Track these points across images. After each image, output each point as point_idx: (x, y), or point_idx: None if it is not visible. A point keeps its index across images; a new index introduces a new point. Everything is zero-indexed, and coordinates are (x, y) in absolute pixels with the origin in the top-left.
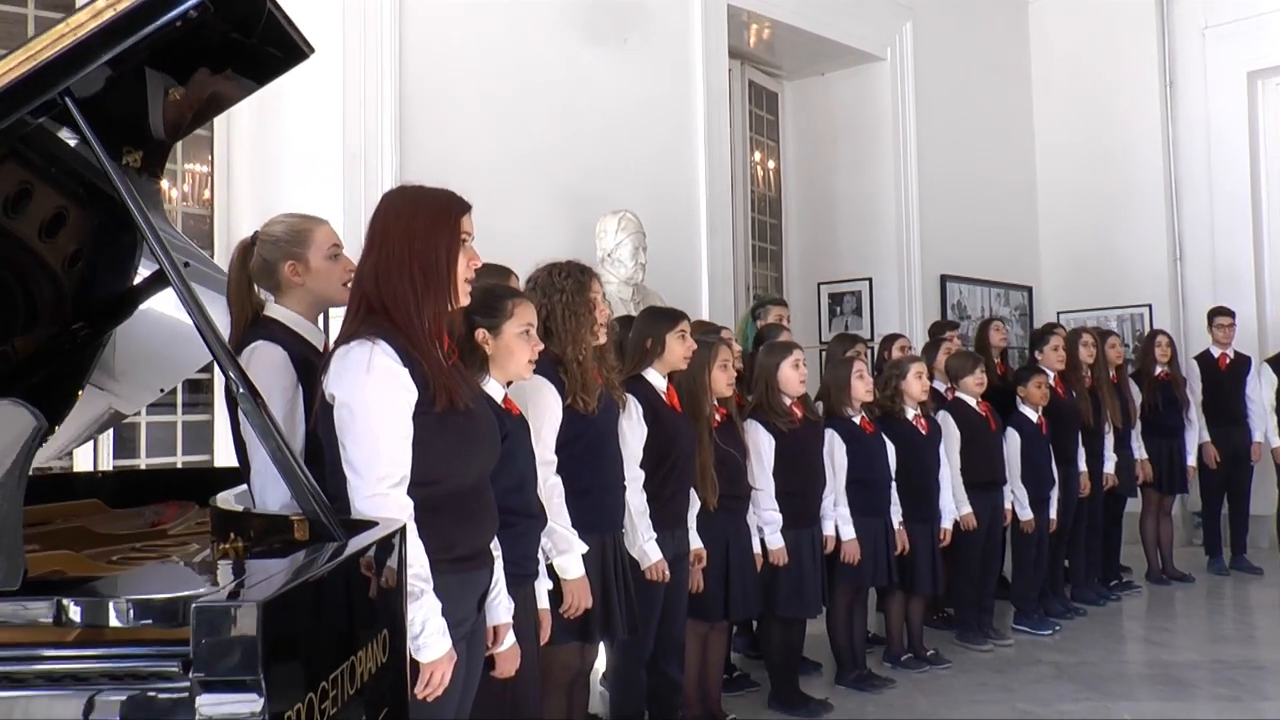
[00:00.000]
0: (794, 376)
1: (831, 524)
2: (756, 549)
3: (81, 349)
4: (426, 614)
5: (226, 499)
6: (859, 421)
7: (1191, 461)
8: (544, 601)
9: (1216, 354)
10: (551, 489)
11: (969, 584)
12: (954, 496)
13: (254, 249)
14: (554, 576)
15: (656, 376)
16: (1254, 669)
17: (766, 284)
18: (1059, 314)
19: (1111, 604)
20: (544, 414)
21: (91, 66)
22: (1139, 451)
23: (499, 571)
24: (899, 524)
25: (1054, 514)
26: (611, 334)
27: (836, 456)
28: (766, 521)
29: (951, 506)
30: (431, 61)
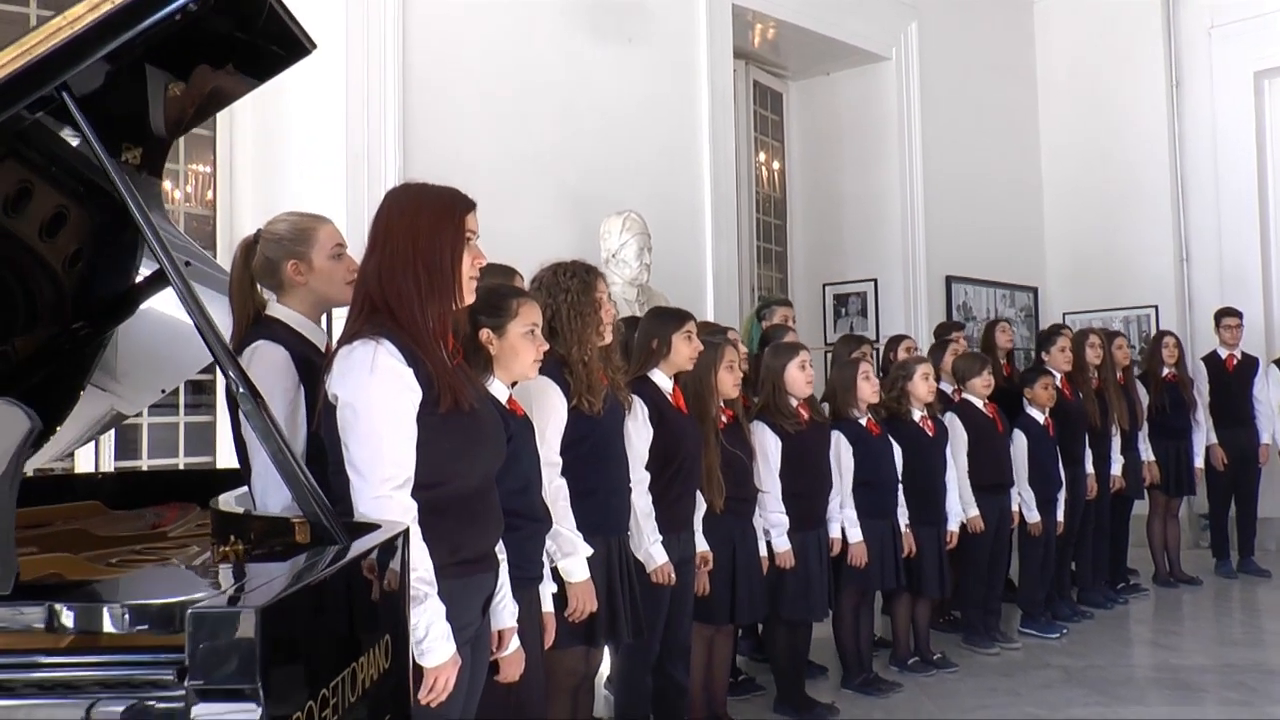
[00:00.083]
0: (800, 378)
1: (838, 526)
2: (762, 551)
3: (82, 349)
4: (430, 618)
5: (227, 501)
6: (865, 423)
7: (1199, 463)
8: (548, 605)
9: (1224, 355)
10: (556, 491)
11: (976, 587)
12: (961, 499)
13: (257, 247)
14: (558, 579)
15: (662, 377)
16: (1264, 673)
17: (771, 285)
18: (1064, 315)
19: (1119, 607)
20: (549, 415)
21: (88, 61)
22: (1146, 453)
23: (504, 575)
24: (906, 526)
25: (1061, 516)
26: (617, 334)
27: (843, 458)
28: (773, 524)
29: (958, 509)
30: (435, 61)
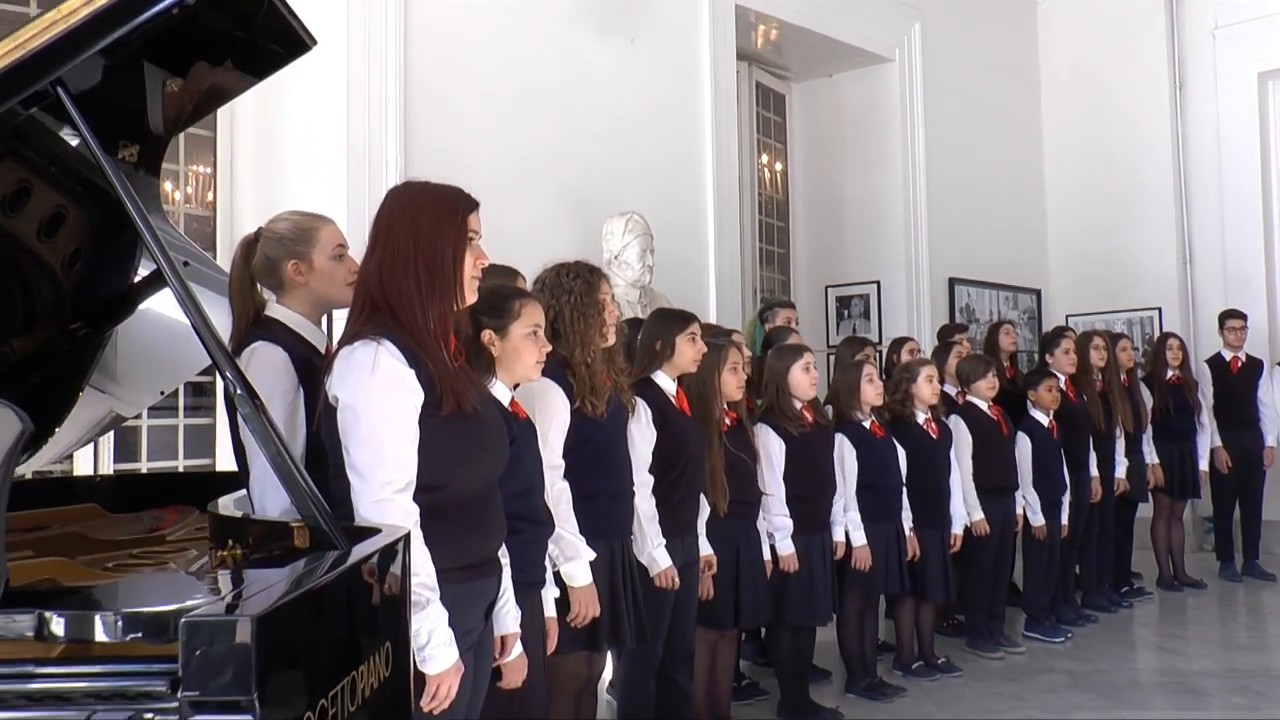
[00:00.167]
0: (805, 380)
1: (842, 530)
2: (766, 555)
3: (80, 350)
4: (433, 624)
5: (225, 504)
6: (869, 426)
7: (1203, 466)
8: (551, 610)
9: (1228, 357)
10: (559, 494)
11: (980, 591)
12: (965, 502)
13: (257, 245)
14: (561, 584)
15: (666, 380)
16: (1271, 678)
17: (774, 287)
18: (1067, 317)
19: (1123, 611)
20: (551, 417)
21: (84, 55)
22: (1150, 456)
23: (507, 580)
24: (910, 530)
25: (1065, 520)
26: (620, 336)
27: (846, 461)
28: (777, 527)
29: (962, 512)
30: (436, 61)
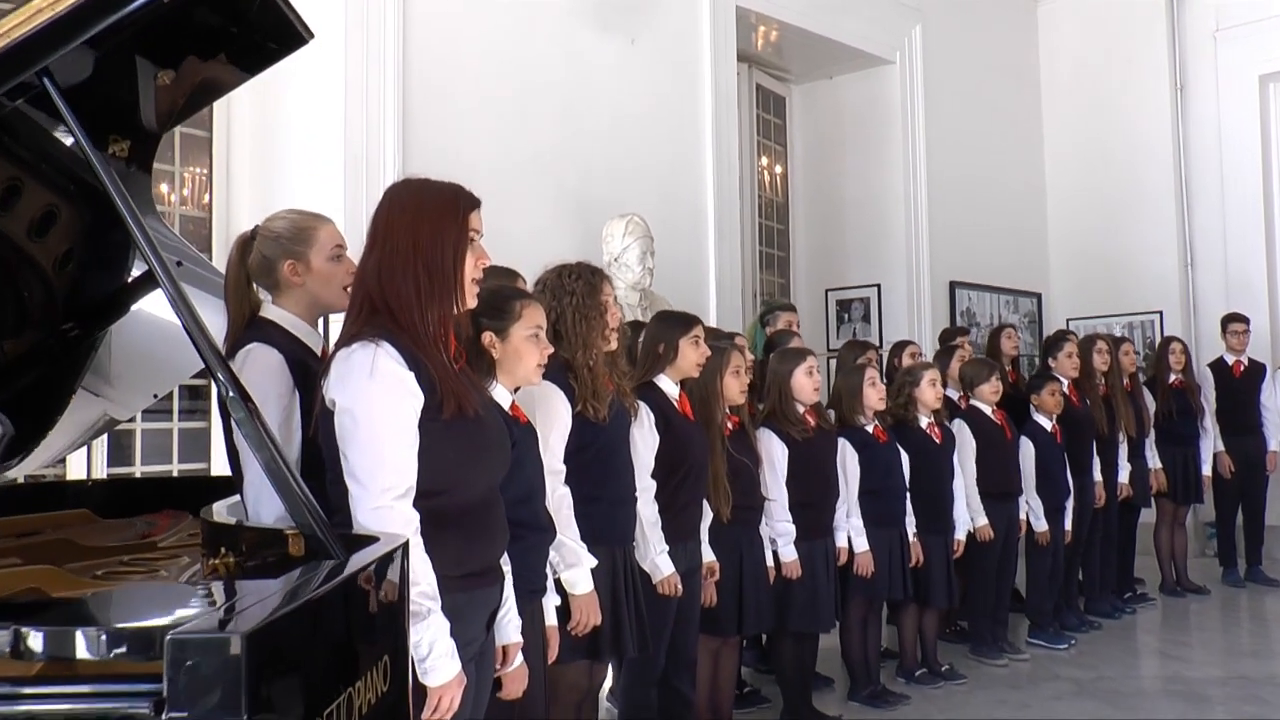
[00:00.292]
0: (808, 384)
1: (844, 535)
2: (769, 561)
3: (72, 351)
4: (434, 635)
5: (219, 511)
6: (872, 430)
7: (1206, 471)
8: (552, 618)
9: (1231, 361)
10: (560, 500)
11: (983, 597)
12: (969, 507)
13: (253, 244)
14: (562, 592)
15: (669, 383)
16: (1278, 685)
17: (773, 290)
18: (1068, 321)
19: (1126, 617)
20: (553, 421)
21: (71, 45)
22: (1153, 461)
23: (509, 588)
24: (913, 535)
25: (1069, 525)
26: (623, 338)
27: (849, 466)
28: (780, 533)
29: (966, 517)
30: (435, 61)
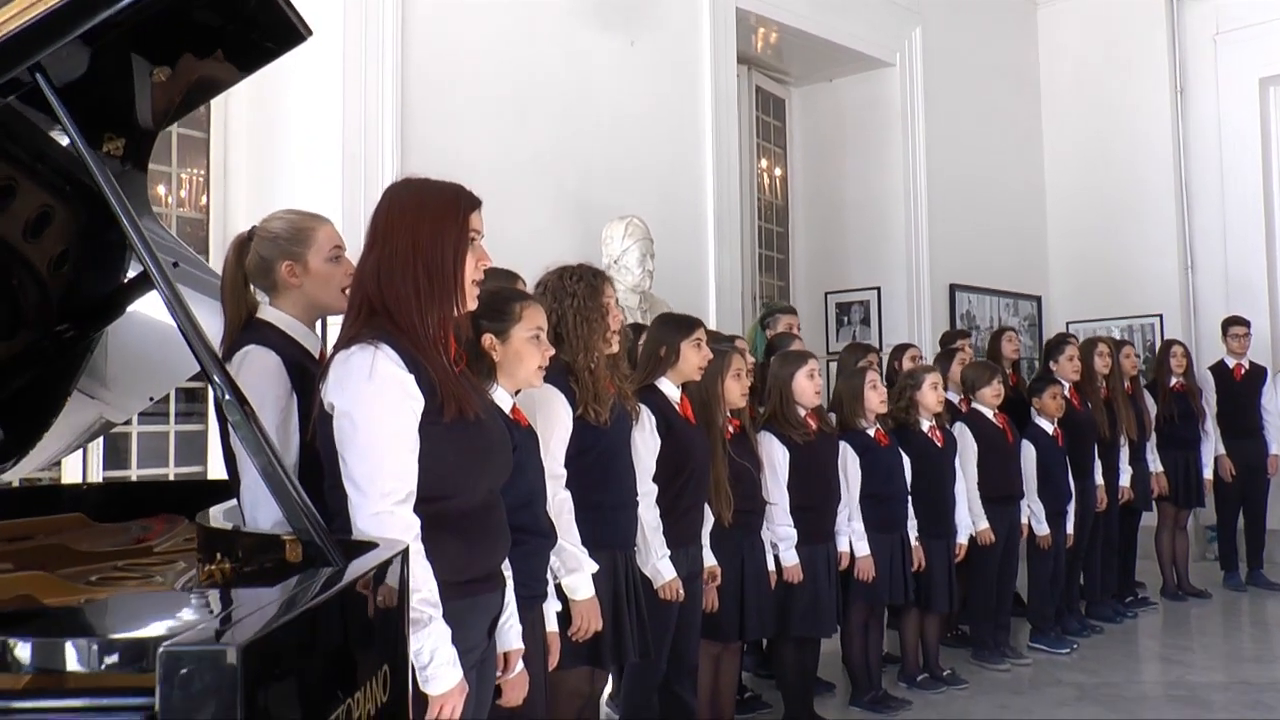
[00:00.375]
0: (809, 387)
1: (846, 540)
2: (770, 566)
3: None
4: (435, 643)
5: (215, 515)
6: (873, 434)
7: (1208, 474)
8: (553, 624)
9: (1231, 364)
10: (561, 504)
11: (984, 601)
12: (970, 511)
13: (250, 245)
14: (562, 597)
15: (670, 386)
16: None
17: (773, 293)
18: (1068, 324)
19: (1128, 621)
20: (553, 425)
21: (64, 40)
22: (1154, 464)
23: (510, 594)
24: (915, 539)
25: (1071, 529)
26: (624, 341)
27: (850, 470)
28: (781, 537)
29: (968, 521)
30: (434, 62)
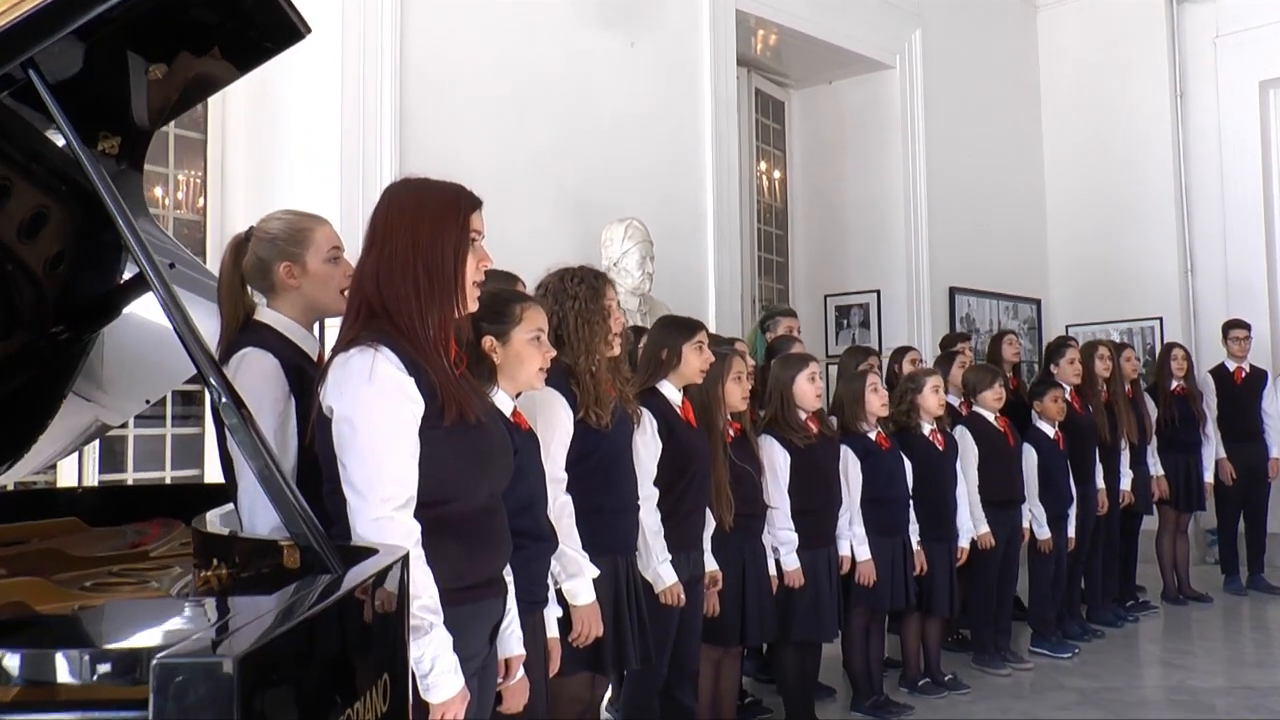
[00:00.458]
0: (810, 390)
1: (847, 544)
2: (771, 570)
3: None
4: (437, 650)
5: (212, 520)
6: (874, 437)
7: (1209, 478)
8: (553, 630)
9: (1232, 367)
10: (561, 508)
11: (985, 605)
12: (971, 515)
13: (248, 245)
14: (562, 602)
15: (671, 389)
16: None
17: (772, 296)
18: (1067, 327)
19: (1129, 625)
20: (554, 428)
21: (58, 35)
22: (1155, 468)
23: (512, 600)
24: (917, 544)
25: (1072, 532)
26: (625, 344)
27: (851, 473)
28: (782, 541)
29: (969, 525)
30: (433, 62)
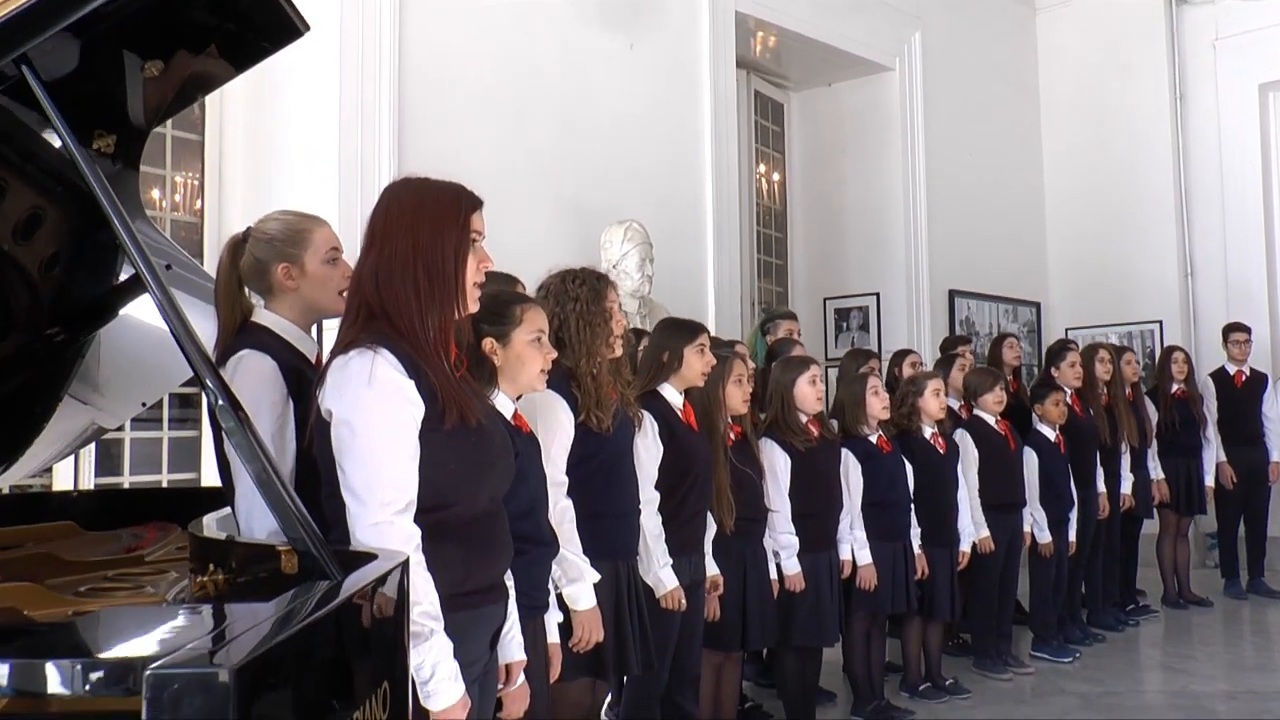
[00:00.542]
0: (811, 393)
1: (848, 548)
2: (772, 574)
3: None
4: (437, 657)
5: (208, 524)
6: (875, 440)
7: (1209, 481)
8: (554, 635)
9: (1232, 371)
10: (562, 513)
11: (986, 609)
12: (971, 519)
13: (245, 246)
14: (564, 607)
15: (673, 392)
16: None
17: (771, 299)
18: (1067, 330)
19: (1130, 629)
20: (555, 431)
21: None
22: (1155, 471)
23: (513, 605)
24: (919, 547)
25: (1073, 536)
26: (627, 346)
27: (851, 477)
28: (783, 545)
29: (971, 528)
30: (431, 63)
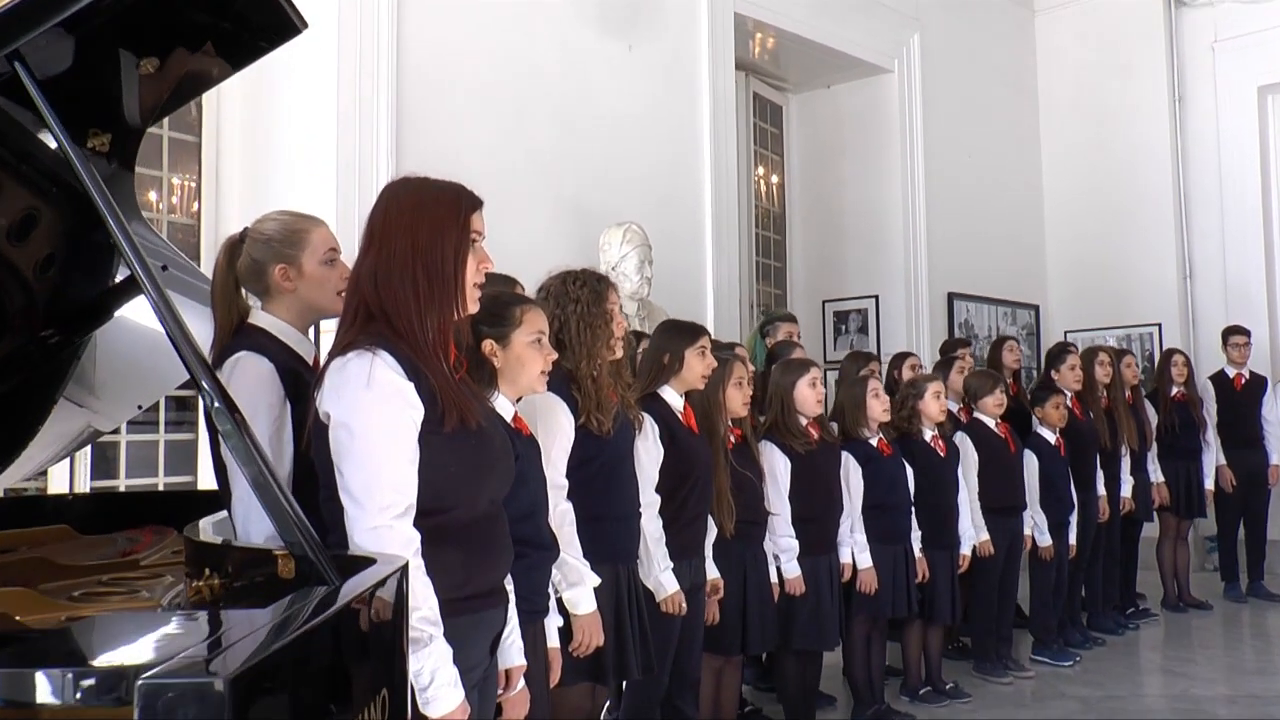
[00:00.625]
0: (811, 396)
1: (848, 551)
2: (773, 577)
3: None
4: (436, 663)
5: (205, 528)
6: (876, 443)
7: (1209, 484)
8: (554, 639)
9: (1232, 374)
10: (562, 516)
11: (986, 613)
12: (972, 522)
13: (242, 247)
14: (563, 611)
15: (673, 395)
16: None
17: (770, 301)
18: (1066, 333)
19: (1130, 633)
20: (555, 434)
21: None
22: (1155, 475)
23: (513, 610)
24: (919, 551)
25: (1073, 540)
26: (627, 348)
27: (852, 480)
28: (783, 549)
29: (971, 532)
30: (430, 64)
